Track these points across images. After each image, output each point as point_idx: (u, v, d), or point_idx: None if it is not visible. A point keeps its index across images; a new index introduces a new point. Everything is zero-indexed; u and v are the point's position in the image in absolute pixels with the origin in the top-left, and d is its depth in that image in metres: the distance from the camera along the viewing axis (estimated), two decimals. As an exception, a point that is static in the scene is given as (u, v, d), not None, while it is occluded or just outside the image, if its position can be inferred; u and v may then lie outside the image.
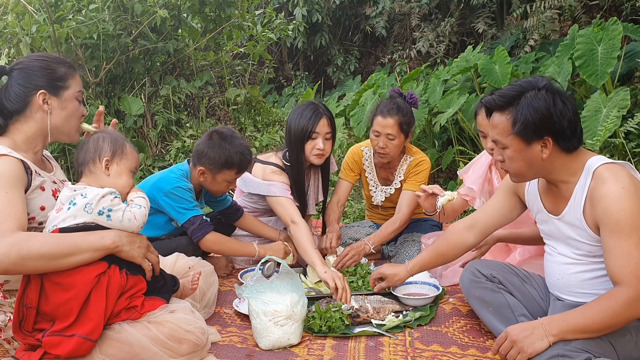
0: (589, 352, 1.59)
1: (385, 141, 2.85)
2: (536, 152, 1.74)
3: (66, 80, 1.92)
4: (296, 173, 2.80)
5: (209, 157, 2.51)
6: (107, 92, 5.16)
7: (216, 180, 2.56)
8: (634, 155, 3.88)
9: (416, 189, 2.77)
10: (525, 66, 5.04)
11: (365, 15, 7.39)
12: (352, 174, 3.14)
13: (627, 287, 1.59)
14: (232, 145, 2.51)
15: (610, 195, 1.63)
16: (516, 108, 1.73)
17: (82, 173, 1.82)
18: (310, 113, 2.73)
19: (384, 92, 5.42)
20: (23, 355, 1.73)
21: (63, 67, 1.92)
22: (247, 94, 5.59)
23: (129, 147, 1.87)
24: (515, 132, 1.73)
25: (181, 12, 5.09)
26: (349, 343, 2.06)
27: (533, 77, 1.80)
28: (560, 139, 1.72)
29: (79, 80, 1.98)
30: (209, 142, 2.53)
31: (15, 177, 1.74)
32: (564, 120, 1.70)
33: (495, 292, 2.03)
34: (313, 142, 2.73)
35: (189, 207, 2.52)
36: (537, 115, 1.69)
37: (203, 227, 2.53)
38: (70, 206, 1.72)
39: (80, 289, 1.68)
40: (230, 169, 2.53)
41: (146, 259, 1.82)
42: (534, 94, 1.72)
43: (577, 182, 1.76)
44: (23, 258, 1.60)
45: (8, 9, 4.58)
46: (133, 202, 1.83)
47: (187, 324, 1.81)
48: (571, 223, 1.78)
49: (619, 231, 1.61)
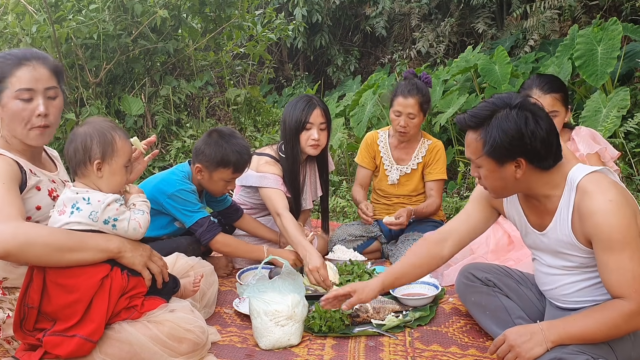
0: (587, 354, 1.58)
1: (406, 120, 2.98)
2: (510, 172, 1.69)
3: (3, 80, 1.75)
4: (291, 164, 2.82)
5: (205, 155, 2.51)
6: (107, 92, 5.16)
7: (213, 179, 2.55)
8: (634, 155, 3.88)
9: (439, 177, 3.11)
10: (525, 66, 5.04)
11: (365, 15, 7.38)
12: (367, 157, 3.24)
13: (628, 301, 1.58)
14: (229, 144, 2.51)
15: (599, 211, 1.60)
16: (485, 129, 1.67)
17: (75, 173, 1.80)
18: (303, 104, 2.77)
19: (383, 92, 5.42)
20: (23, 355, 1.74)
21: (7, 62, 1.75)
22: (247, 94, 5.59)
23: (118, 139, 1.78)
24: (486, 153, 1.69)
25: (181, 12, 5.09)
26: (349, 343, 2.06)
27: (507, 93, 1.74)
28: (533, 159, 1.68)
29: (26, 75, 1.74)
30: (207, 140, 2.54)
31: (11, 173, 1.74)
32: (536, 141, 1.64)
33: (491, 296, 2.03)
34: (308, 133, 2.77)
35: (195, 210, 2.52)
36: (506, 138, 1.64)
37: (212, 229, 2.53)
38: (74, 210, 1.71)
39: (85, 292, 1.68)
40: (226, 168, 2.52)
41: (147, 267, 1.82)
42: (505, 115, 1.65)
43: (562, 197, 1.71)
44: (29, 243, 1.59)
45: (8, 9, 4.58)
46: (135, 206, 1.83)
47: (187, 323, 1.81)
48: (558, 239, 1.75)
49: (611, 247, 1.59)
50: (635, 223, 1.61)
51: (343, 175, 5.07)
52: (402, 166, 3.17)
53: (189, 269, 2.25)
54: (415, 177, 3.15)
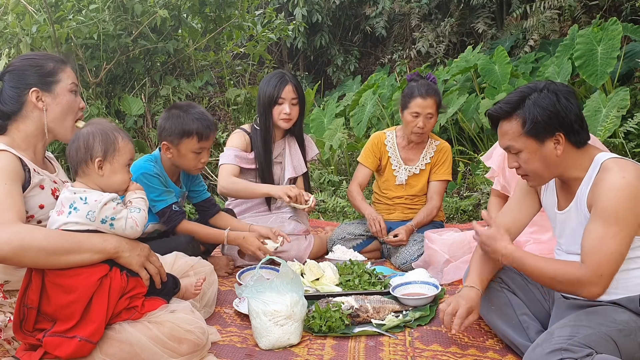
0: (592, 348, 1.59)
1: (425, 120, 3.00)
2: (550, 149, 1.76)
3: (56, 75, 1.91)
4: (263, 135, 3.04)
5: (166, 129, 2.49)
6: (107, 92, 5.16)
7: (181, 153, 2.51)
8: (634, 155, 3.89)
9: (445, 178, 3.15)
10: (525, 66, 5.04)
11: (365, 15, 7.38)
12: (372, 157, 3.22)
13: (585, 269, 1.67)
14: (188, 113, 2.48)
15: (609, 183, 1.67)
16: (523, 110, 1.76)
17: (76, 173, 1.80)
18: (276, 81, 2.98)
19: (383, 92, 5.42)
20: (23, 355, 1.73)
21: (51, 62, 1.91)
22: (247, 94, 5.59)
23: (121, 140, 1.80)
24: (526, 132, 1.76)
25: (181, 12, 5.09)
26: (349, 343, 2.06)
27: (531, 82, 1.85)
28: (570, 133, 1.75)
29: (71, 72, 1.96)
30: (166, 115, 2.52)
31: (14, 172, 1.74)
32: (571, 115, 1.74)
33: (498, 291, 2.03)
34: (280, 108, 2.99)
35: (157, 198, 2.49)
36: (544, 113, 1.73)
37: (173, 218, 2.53)
38: (72, 210, 1.71)
39: (83, 292, 1.68)
40: (189, 137, 2.47)
41: (145, 268, 1.82)
42: (537, 95, 1.76)
43: (585, 177, 1.78)
44: (24, 248, 1.60)
45: (8, 9, 4.58)
46: (132, 203, 1.82)
47: (188, 324, 1.81)
48: (576, 215, 1.80)
49: (603, 217, 1.66)
50: (638, 210, 1.64)
51: (343, 175, 5.07)
52: (411, 167, 3.17)
53: (188, 269, 2.25)
54: (423, 178, 3.16)
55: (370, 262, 2.91)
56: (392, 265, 2.99)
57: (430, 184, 3.17)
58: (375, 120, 5.31)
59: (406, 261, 2.86)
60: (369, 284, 2.51)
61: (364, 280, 2.54)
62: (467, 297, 1.92)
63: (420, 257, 2.80)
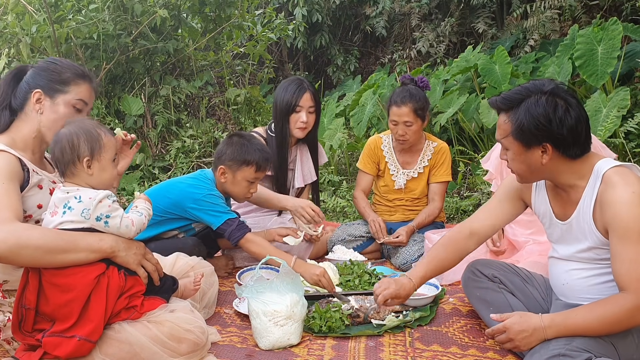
0: (590, 352, 1.59)
1: (404, 128, 2.98)
2: (536, 156, 1.73)
3: (67, 85, 1.90)
4: (280, 143, 2.97)
5: (228, 155, 2.54)
6: (107, 92, 5.16)
7: (236, 179, 2.55)
8: (634, 155, 3.88)
9: (444, 179, 3.11)
10: (525, 66, 5.04)
11: (365, 15, 7.38)
12: (370, 163, 3.21)
13: (632, 295, 1.59)
14: (251, 143, 2.56)
15: (620, 200, 1.62)
16: (516, 112, 1.72)
17: (64, 174, 1.78)
18: (294, 88, 2.92)
19: (383, 92, 5.42)
20: (23, 355, 1.73)
21: (70, 72, 1.91)
22: (247, 94, 5.59)
23: (104, 136, 1.77)
24: (512, 135, 1.73)
25: (181, 12, 5.09)
26: (349, 343, 2.06)
27: (541, 79, 1.77)
28: (560, 146, 1.70)
29: (86, 91, 1.94)
30: (228, 142, 2.60)
31: (12, 172, 1.75)
32: (564, 129, 1.66)
33: (497, 292, 2.03)
34: (297, 115, 2.92)
35: (224, 211, 2.51)
36: (533, 122, 1.68)
37: (241, 228, 2.50)
38: (66, 210, 1.70)
39: (80, 291, 1.67)
40: (249, 166, 2.53)
41: (142, 266, 1.82)
42: (535, 100, 1.69)
43: (586, 186, 1.73)
44: (20, 246, 1.60)
45: (8, 9, 4.58)
46: (137, 208, 1.83)
47: (187, 324, 1.81)
48: (580, 227, 1.76)
49: (627, 237, 1.60)
50: None
51: (343, 175, 5.07)
52: (409, 170, 3.15)
53: (189, 269, 2.25)
54: (422, 181, 3.14)
55: (370, 262, 2.91)
56: (392, 266, 2.99)
57: (430, 186, 3.16)
58: (375, 120, 5.31)
59: (406, 261, 2.86)
60: (369, 284, 2.51)
61: (364, 280, 2.54)
62: (400, 285, 1.99)
63: (421, 257, 2.80)
